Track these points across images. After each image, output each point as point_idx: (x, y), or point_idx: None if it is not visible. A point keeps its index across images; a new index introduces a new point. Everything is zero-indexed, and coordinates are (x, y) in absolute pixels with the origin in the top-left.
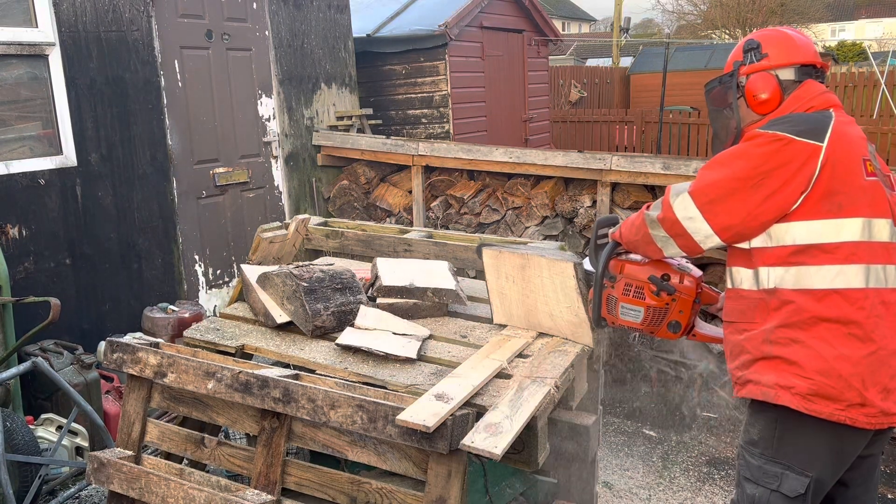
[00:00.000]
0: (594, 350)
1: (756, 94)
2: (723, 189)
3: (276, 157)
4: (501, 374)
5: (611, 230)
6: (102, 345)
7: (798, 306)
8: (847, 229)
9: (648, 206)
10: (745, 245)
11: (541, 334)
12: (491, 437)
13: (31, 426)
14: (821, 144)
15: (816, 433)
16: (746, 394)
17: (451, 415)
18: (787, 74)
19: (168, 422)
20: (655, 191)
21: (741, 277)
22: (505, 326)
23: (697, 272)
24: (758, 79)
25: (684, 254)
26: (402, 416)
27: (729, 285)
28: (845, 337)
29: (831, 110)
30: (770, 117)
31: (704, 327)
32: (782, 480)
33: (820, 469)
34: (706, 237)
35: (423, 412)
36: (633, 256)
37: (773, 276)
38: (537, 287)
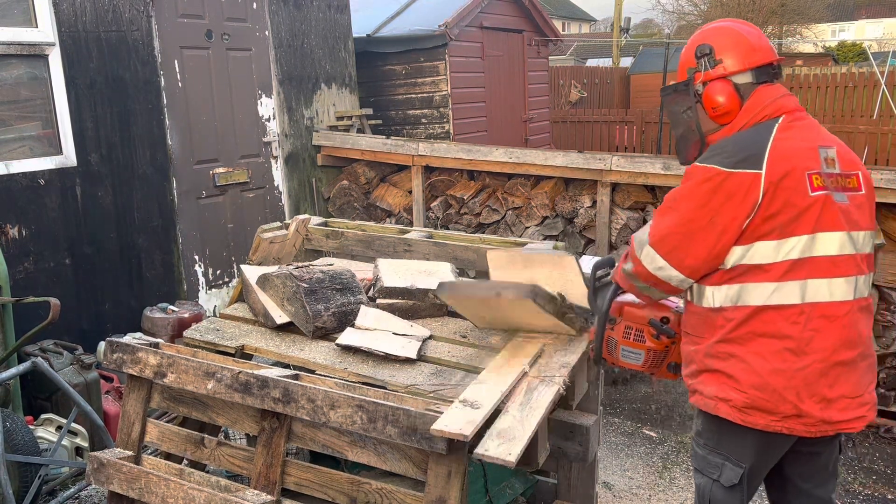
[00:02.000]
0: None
1: (715, 106)
2: (680, 234)
3: (276, 158)
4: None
5: (611, 272)
6: (102, 345)
7: (736, 322)
8: (786, 248)
9: (625, 257)
10: None
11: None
12: (504, 443)
13: (31, 426)
14: (759, 172)
15: (753, 435)
16: (694, 402)
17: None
18: (744, 79)
19: (168, 422)
20: (656, 191)
21: (693, 293)
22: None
23: None
24: (714, 88)
25: (672, 296)
26: (436, 426)
27: (687, 298)
28: (780, 352)
29: (780, 118)
30: (723, 132)
31: None
32: (722, 471)
33: (754, 462)
34: (680, 281)
35: (458, 421)
36: (631, 298)
37: (718, 296)
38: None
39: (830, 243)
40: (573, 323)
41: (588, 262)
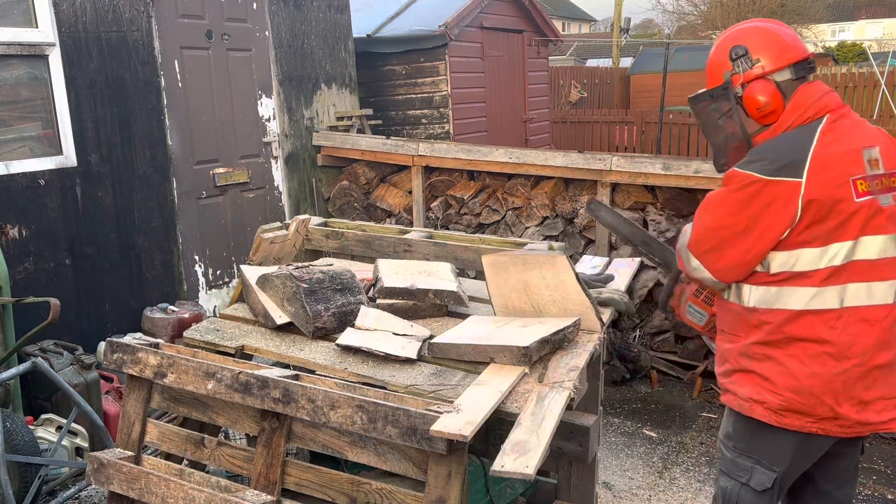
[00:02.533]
0: (595, 350)
1: (759, 106)
2: (715, 239)
3: (276, 158)
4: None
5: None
6: (102, 345)
7: (774, 326)
8: (830, 254)
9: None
10: None
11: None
12: (520, 457)
13: (31, 426)
14: (799, 181)
15: (787, 437)
16: (726, 402)
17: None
18: (784, 76)
19: (168, 422)
20: (655, 191)
21: (731, 290)
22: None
23: None
24: (755, 88)
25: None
26: (436, 427)
27: (724, 296)
28: (818, 355)
29: (824, 118)
30: (768, 133)
31: None
32: (752, 474)
33: (787, 465)
34: (714, 283)
35: (457, 421)
36: None
37: (755, 295)
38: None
39: (872, 247)
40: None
41: (587, 262)
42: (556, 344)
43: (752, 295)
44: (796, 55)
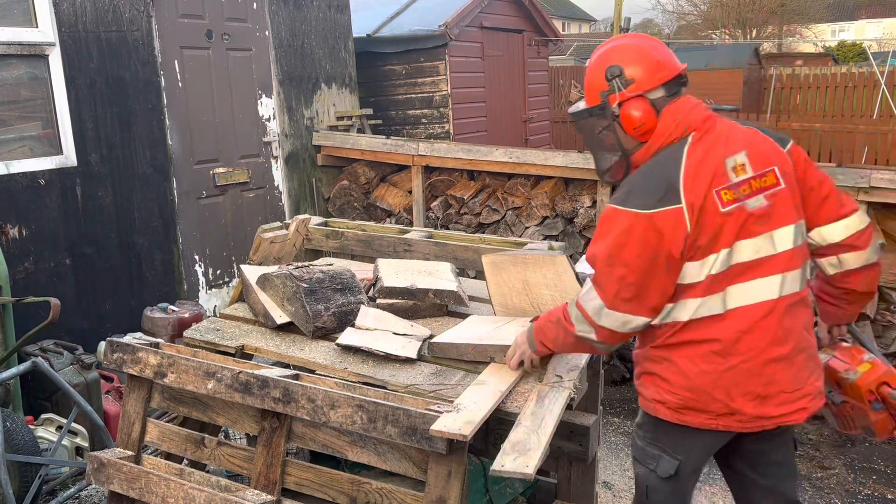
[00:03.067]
0: None
1: (635, 125)
2: (634, 286)
3: (276, 157)
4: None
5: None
6: (102, 345)
7: (671, 331)
8: (708, 265)
9: (563, 321)
10: None
11: None
12: (520, 456)
13: (31, 426)
14: (680, 206)
15: (689, 433)
16: (640, 402)
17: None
18: (658, 94)
19: (168, 422)
20: None
21: None
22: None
23: None
24: (631, 107)
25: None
26: (436, 427)
27: None
28: (706, 355)
29: (689, 137)
30: (643, 151)
31: None
32: (659, 462)
33: (689, 456)
34: (646, 323)
35: (457, 421)
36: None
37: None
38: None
39: (746, 250)
40: None
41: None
42: None
43: None
44: (669, 73)
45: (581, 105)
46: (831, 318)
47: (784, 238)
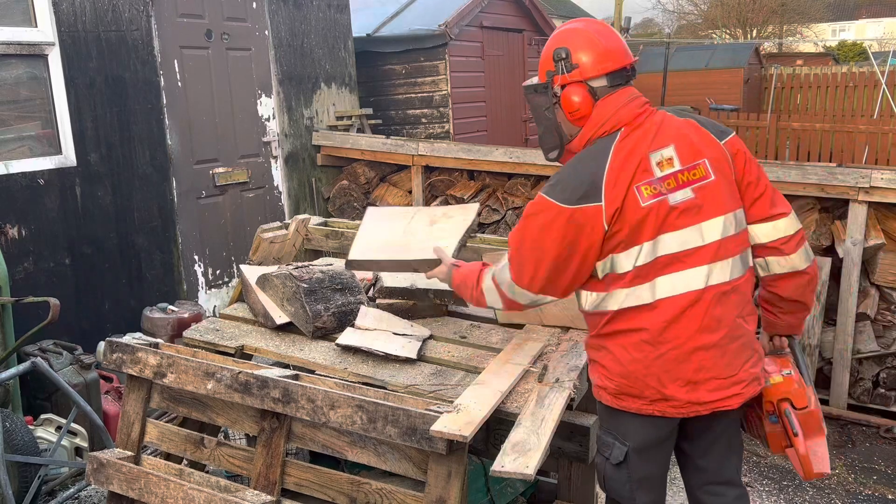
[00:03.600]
0: None
1: (572, 110)
2: (548, 270)
3: (275, 157)
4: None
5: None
6: (102, 345)
7: (605, 321)
8: (633, 256)
9: (477, 286)
10: None
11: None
12: (520, 457)
13: (30, 426)
14: (600, 204)
15: (631, 418)
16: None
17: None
18: (601, 83)
19: (168, 422)
20: None
21: (576, 296)
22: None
23: None
24: (571, 92)
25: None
26: (436, 427)
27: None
28: (637, 343)
29: (618, 132)
30: (578, 139)
31: None
32: (612, 450)
33: (637, 441)
34: (557, 300)
35: (457, 421)
36: None
37: (589, 300)
38: None
39: (671, 243)
40: None
41: None
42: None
43: (588, 300)
44: (614, 64)
45: (534, 81)
46: (770, 326)
47: (712, 229)
